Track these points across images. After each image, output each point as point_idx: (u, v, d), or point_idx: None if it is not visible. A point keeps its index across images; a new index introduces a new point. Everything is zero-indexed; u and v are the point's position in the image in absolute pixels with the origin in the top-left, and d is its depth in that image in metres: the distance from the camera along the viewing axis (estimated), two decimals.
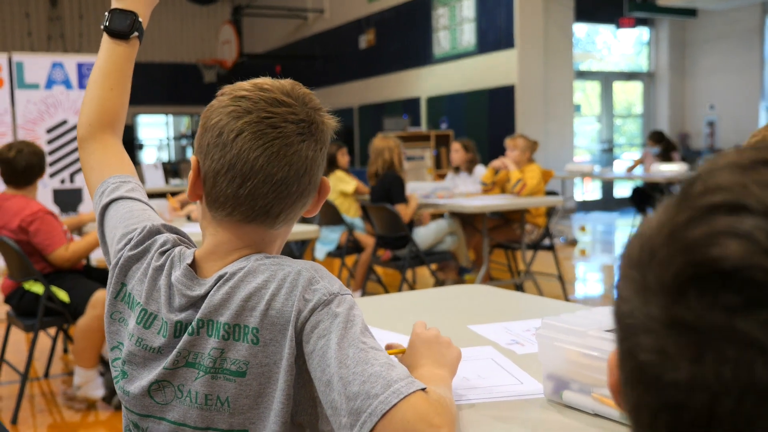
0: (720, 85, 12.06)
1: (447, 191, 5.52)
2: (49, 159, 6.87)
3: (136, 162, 15.00)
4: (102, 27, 1.31)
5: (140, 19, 1.31)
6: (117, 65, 1.30)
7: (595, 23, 12.32)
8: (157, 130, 17.75)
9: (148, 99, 16.19)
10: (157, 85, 16.21)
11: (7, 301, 3.53)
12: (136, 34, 1.31)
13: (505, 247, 5.60)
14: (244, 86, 1.07)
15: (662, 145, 8.93)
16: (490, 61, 10.83)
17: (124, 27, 1.30)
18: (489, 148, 10.33)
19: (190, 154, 17.86)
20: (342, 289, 1.02)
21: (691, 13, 11.60)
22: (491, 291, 1.93)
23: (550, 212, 5.53)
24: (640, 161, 9.35)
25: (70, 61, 7.17)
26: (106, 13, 1.31)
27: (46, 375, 3.98)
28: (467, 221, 5.45)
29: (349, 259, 6.00)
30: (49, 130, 7.13)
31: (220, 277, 1.03)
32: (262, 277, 1.01)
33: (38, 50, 14.39)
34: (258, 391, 1.00)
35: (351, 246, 5.43)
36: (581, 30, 12.36)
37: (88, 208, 7.16)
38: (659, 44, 12.68)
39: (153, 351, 1.05)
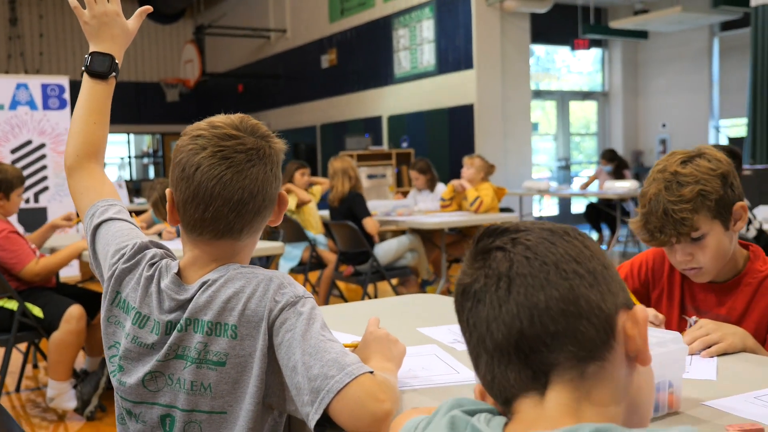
0: (671, 104, 12.49)
1: (407, 208, 5.73)
2: None
3: None
4: (83, 68, 1.48)
5: (117, 61, 1.50)
6: (98, 102, 1.48)
7: (551, 44, 12.68)
8: (118, 148, 17.73)
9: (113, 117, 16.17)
10: (119, 104, 16.00)
11: None
12: (113, 74, 1.49)
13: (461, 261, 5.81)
14: (200, 125, 1.27)
15: (614, 164, 9.27)
16: (450, 80, 11.11)
17: (103, 68, 1.48)
18: (449, 166, 10.58)
19: (152, 172, 17.87)
20: (305, 293, 1.22)
21: (642, 35, 12.02)
22: (440, 299, 2.14)
23: None
24: (594, 178, 9.68)
25: (35, 82, 7.26)
26: (86, 56, 1.49)
27: (17, 389, 4.08)
28: (426, 237, 5.66)
29: (312, 275, 6.16)
30: (13, 151, 7.21)
31: (204, 283, 1.23)
32: (240, 283, 1.22)
33: None
34: (235, 378, 1.20)
35: (314, 262, 5.60)
36: (538, 51, 12.72)
37: None
38: (613, 65, 13.09)
39: (147, 347, 1.24)
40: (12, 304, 3.47)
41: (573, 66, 13.24)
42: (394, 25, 11.88)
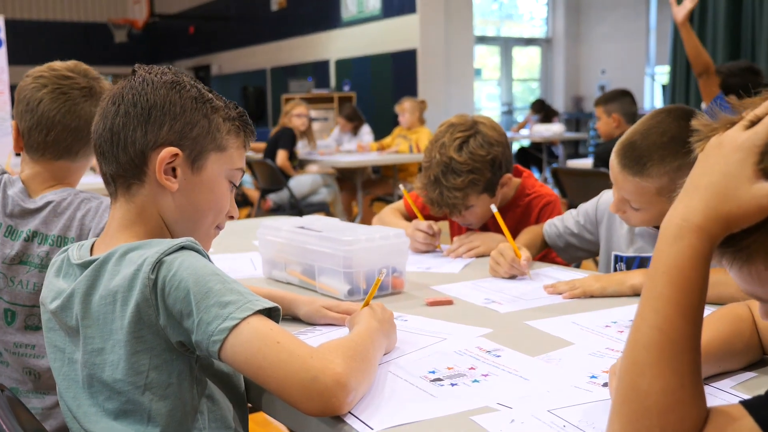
0: (610, 51, 12.79)
1: (328, 148, 6.00)
2: None
3: None
4: None
5: None
6: None
7: None
8: None
9: (57, 58, 16.02)
10: (68, 45, 16.02)
11: None
12: None
13: (383, 200, 6.13)
14: (41, 69, 1.58)
15: (542, 114, 9.66)
16: (394, 25, 11.26)
17: None
18: (393, 109, 10.81)
19: None
20: None
21: None
22: None
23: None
24: (523, 125, 10.07)
25: None
26: None
27: None
28: (347, 177, 5.95)
29: (242, 212, 6.44)
30: None
31: (48, 203, 1.52)
32: (77, 203, 1.53)
33: None
34: None
35: (240, 200, 5.88)
36: None
37: None
38: (556, 12, 13.32)
39: None
40: None
41: (517, 12, 13.45)
42: None
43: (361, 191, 5.76)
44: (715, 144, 0.70)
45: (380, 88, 11.52)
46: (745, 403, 0.68)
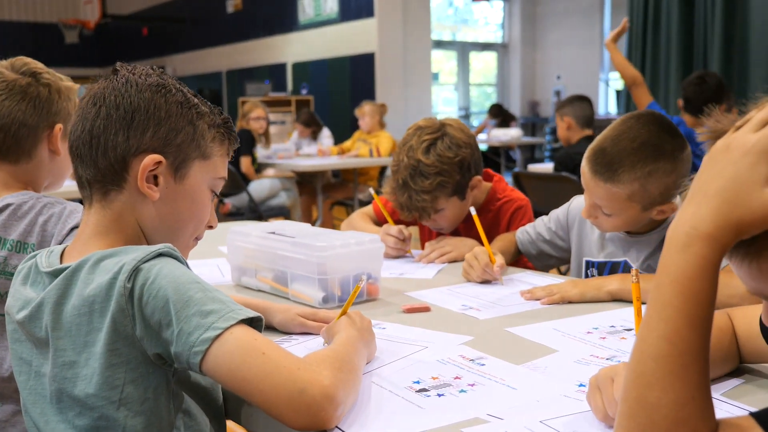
0: (566, 57, 12.94)
1: (287, 152, 5.94)
2: None
3: None
4: None
5: None
6: None
7: None
8: None
9: (3, 58, 15.64)
10: (15, 45, 15.64)
11: None
12: None
13: (343, 204, 6.09)
14: None
15: (500, 118, 9.71)
16: (352, 28, 11.23)
17: None
18: (351, 113, 10.78)
19: None
20: None
21: None
22: None
23: (382, 173, 6.06)
24: (481, 129, 10.10)
25: None
26: None
27: None
28: (308, 181, 5.89)
29: None
30: None
31: (8, 205, 1.45)
32: (39, 208, 1.45)
33: None
34: None
35: None
36: (439, 1, 12.95)
37: None
38: (512, 17, 13.44)
39: None
40: None
41: (472, 17, 13.53)
42: None
43: (321, 195, 5.71)
44: (723, 147, 0.67)
45: (338, 92, 11.46)
46: (755, 416, 0.66)
